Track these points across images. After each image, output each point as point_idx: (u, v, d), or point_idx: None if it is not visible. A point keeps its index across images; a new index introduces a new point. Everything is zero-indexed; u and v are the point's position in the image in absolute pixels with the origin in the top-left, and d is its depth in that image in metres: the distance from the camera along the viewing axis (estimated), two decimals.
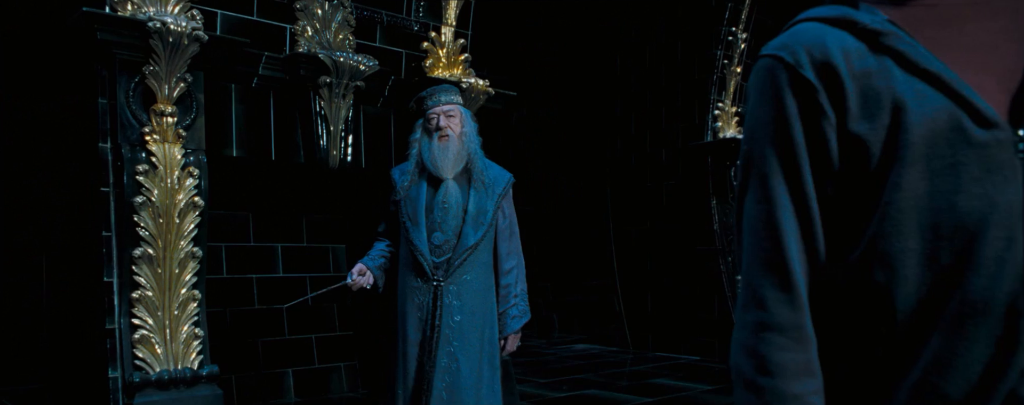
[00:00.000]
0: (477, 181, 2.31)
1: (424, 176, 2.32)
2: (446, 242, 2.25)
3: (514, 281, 2.36)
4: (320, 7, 2.88)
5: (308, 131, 2.91)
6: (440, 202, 2.26)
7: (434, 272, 2.25)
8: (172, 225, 2.31)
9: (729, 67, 4.97)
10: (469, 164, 2.31)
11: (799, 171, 0.60)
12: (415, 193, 2.31)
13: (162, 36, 2.25)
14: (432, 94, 2.36)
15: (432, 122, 2.31)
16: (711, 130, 4.92)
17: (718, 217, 4.94)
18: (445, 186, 2.27)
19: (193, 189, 2.38)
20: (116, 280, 2.21)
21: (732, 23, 4.91)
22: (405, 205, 2.31)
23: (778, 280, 0.60)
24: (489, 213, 2.30)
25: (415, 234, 2.26)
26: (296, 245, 3.67)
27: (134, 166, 2.24)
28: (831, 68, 0.59)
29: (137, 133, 2.28)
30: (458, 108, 2.37)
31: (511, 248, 2.38)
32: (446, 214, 2.26)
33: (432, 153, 2.27)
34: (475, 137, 2.37)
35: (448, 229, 2.25)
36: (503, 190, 2.37)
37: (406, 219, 2.30)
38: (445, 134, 2.29)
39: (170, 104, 2.34)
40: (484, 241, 2.28)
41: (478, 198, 2.30)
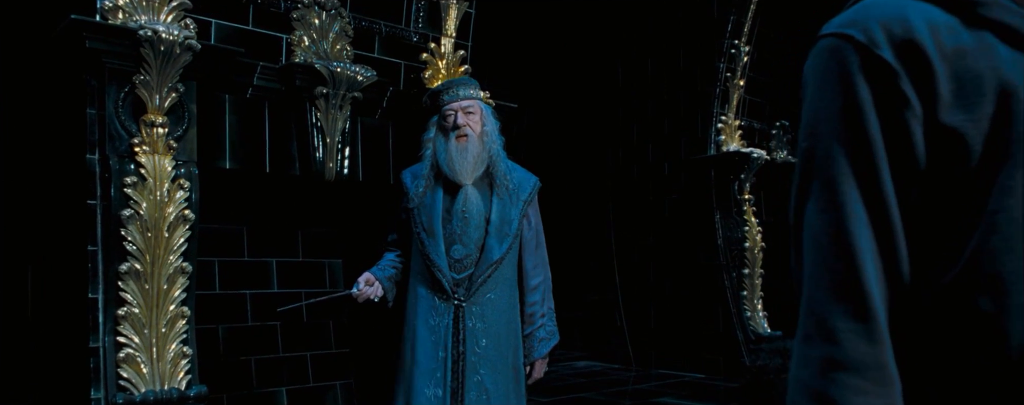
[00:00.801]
0: (500, 186, 2.05)
1: (440, 181, 2.05)
2: (468, 256, 2.00)
3: (541, 299, 2.09)
4: (317, 17, 2.83)
5: (304, 143, 2.84)
6: (459, 211, 2.01)
7: (455, 290, 1.99)
8: (161, 239, 2.23)
9: (732, 80, 4.92)
10: (491, 168, 2.05)
11: (875, 173, 0.49)
12: (430, 200, 2.05)
13: (153, 45, 2.19)
14: (449, 88, 2.08)
15: (449, 120, 2.04)
16: (714, 143, 4.86)
17: (722, 231, 4.86)
18: (464, 193, 2.01)
19: (183, 202, 2.30)
20: (101, 296, 2.12)
21: (735, 36, 4.86)
22: (419, 214, 2.05)
23: (852, 307, 0.49)
24: (514, 223, 2.04)
25: (432, 247, 2.00)
26: (292, 260, 3.59)
27: (122, 178, 2.16)
28: (915, 47, 0.49)
29: (126, 144, 2.21)
30: (478, 104, 2.09)
31: (537, 261, 2.12)
32: (467, 225, 2.00)
33: (449, 155, 2.00)
34: (497, 136, 2.09)
35: (470, 241, 2.00)
36: (529, 196, 2.10)
37: (421, 230, 2.03)
38: (463, 133, 2.02)
39: (161, 114, 2.28)
40: (509, 254, 2.04)
41: (502, 206, 2.05)
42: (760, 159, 4.78)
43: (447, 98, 2.08)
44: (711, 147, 4.85)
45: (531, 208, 2.13)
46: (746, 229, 4.82)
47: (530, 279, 2.11)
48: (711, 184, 4.82)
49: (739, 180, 4.78)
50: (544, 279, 2.13)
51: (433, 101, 2.15)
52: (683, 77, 5.07)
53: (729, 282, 4.83)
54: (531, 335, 2.08)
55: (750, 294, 4.83)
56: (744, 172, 4.76)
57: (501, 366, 1.99)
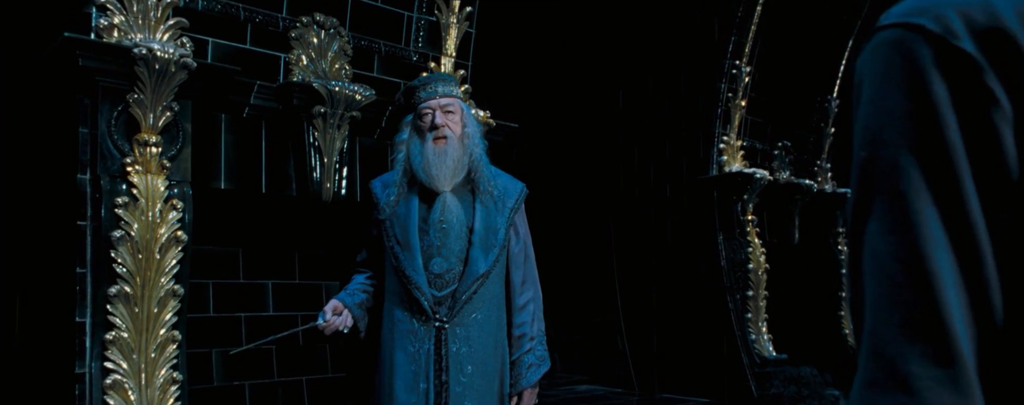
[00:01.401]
0: (484, 193, 1.85)
1: (414, 189, 1.85)
2: (449, 271, 1.78)
3: (530, 319, 1.87)
4: (316, 36, 2.80)
5: (301, 163, 2.79)
6: (436, 221, 1.80)
7: (436, 310, 1.76)
8: (152, 261, 2.17)
9: (734, 100, 4.89)
10: (472, 173, 1.85)
11: (956, 185, 0.41)
12: (403, 210, 1.84)
13: (148, 63, 2.15)
14: (426, 84, 1.87)
15: (426, 119, 1.83)
16: (716, 164, 4.81)
17: (725, 252, 4.79)
18: (442, 201, 1.81)
19: (176, 223, 2.25)
20: (89, 320, 2.06)
21: (736, 56, 4.85)
22: (392, 226, 1.84)
23: (931, 349, 0.40)
24: (501, 232, 1.84)
25: (407, 261, 1.78)
26: (288, 282, 3.52)
27: (113, 198, 2.11)
28: (1002, 36, 0.42)
29: (118, 164, 2.16)
30: (458, 102, 1.87)
31: (526, 277, 1.90)
32: (446, 235, 1.79)
33: (425, 159, 1.80)
34: (479, 140, 1.89)
35: (451, 254, 1.79)
36: (515, 204, 1.90)
37: (394, 243, 1.82)
38: (442, 135, 1.81)
39: (155, 134, 2.23)
40: (496, 268, 1.83)
41: (486, 213, 1.84)
42: (763, 180, 4.74)
43: (424, 95, 1.86)
44: (713, 168, 4.80)
45: (518, 217, 1.93)
46: (749, 250, 4.76)
47: (518, 297, 1.88)
48: (714, 205, 4.77)
49: (742, 201, 4.73)
50: (534, 297, 1.91)
51: (407, 99, 1.94)
52: (684, 98, 5.05)
53: (733, 304, 4.75)
54: (519, 361, 1.85)
55: (754, 316, 4.75)
56: (747, 193, 4.71)
57: (488, 396, 1.78)
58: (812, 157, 5.65)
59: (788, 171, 5.34)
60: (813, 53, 5.46)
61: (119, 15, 2.22)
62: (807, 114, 5.65)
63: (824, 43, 5.48)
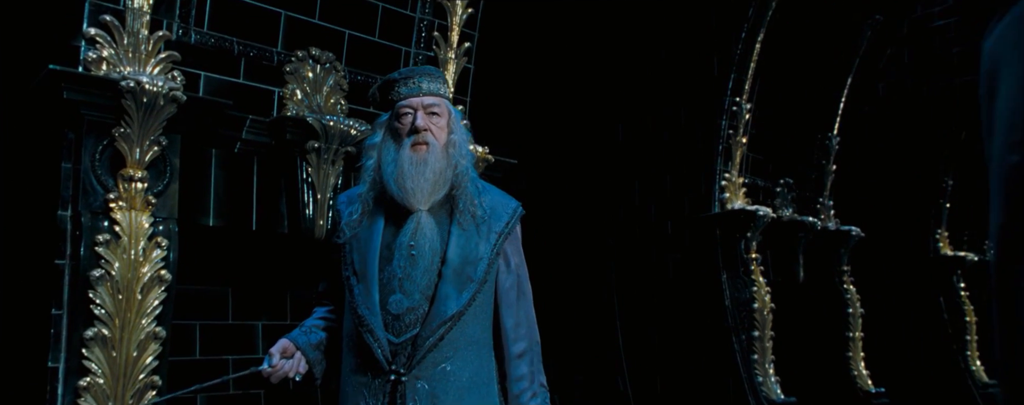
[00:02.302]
0: (464, 212, 1.52)
1: (382, 206, 1.53)
2: (411, 311, 1.45)
3: (529, 372, 1.53)
4: (311, 70, 2.75)
5: (293, 199, 2.71)
6: (404, 245, 1.47)
7: (392, 359, 1.43)
8: (133, 301, 2.07)
9: (734, 137, 4.85)
10: (455, 189, 1.53)
11: None
12: (366, 233, 1.53)
13: (136, 96, 2.09)
14: (408, 78, 1.55)
15: (405, 120, 1.52)
16: (718, 201, 4.74)
17: (729, 291, 4.68)
18: (415, 221, 1.49)
19: (160, 261, 2.15)
20: (62, 365, 1.94)
21: (736, 93, 4.82)
22: (350, 251, 1.53)
23: None
24: (482, 263, 1.50)
25: (362, 297, 1.47)
26: (279, 323, 3.40)
27: (94, 236, 2.02)
28: None
29: (101, 200, 2.08)
30: (446, 104, 1.58)
31: (521, 318, 1.56)
32: (413, 265, 1.46)
33: (399, 169, 1.48)
34: (467, 151, 1.58)
35: (415, 288, 1.46)
36: (506, 227, 1.56)
37: (350, 273, 1.51)
38: (423, 140, 1.50)
39: (141, 169, 2.15)
40: (473, 307, 1.49)
41: (465, 239, 1.50)
42: (766, 217, 4.66)
43: (404, 91, 1.54)
44: (715, 205, 4.73)
45: (510, 244, 1.57)
46: (754, 289, 4.64)
47: (513, 344, 1.55)
48: (717, 243, 4.68)
49: (745, 239, 4.64)
50: (530, 343, 1.57)
51: (383, 94, 1.62)
52: (685, 134, 5.00)
53: (738, 345, 4.62)
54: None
55: (761, 358, 4.61)
56: (750, 230, 4.63)
57: None
58: (814, 194, 5.58)
59: (791, 208, 5.27)
60: (812, 90, 5.45)
61: (108, 48, 2.17)
62: (808, 151, 5.61)
63: (823, 80, 5.47)
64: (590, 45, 5.25)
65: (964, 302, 6.41)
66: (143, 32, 2.24)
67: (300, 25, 2.75)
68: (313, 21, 2.78)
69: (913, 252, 6.55)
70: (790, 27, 4.82)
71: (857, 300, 5.46)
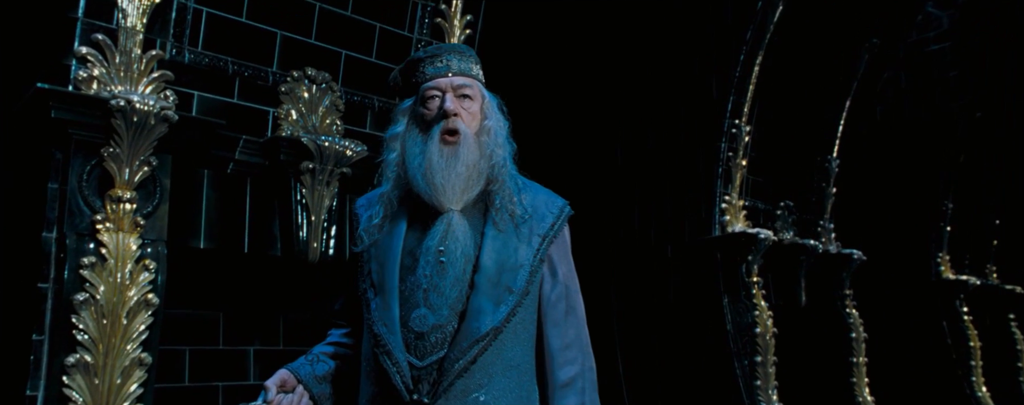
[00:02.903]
0: (501, 211, 1.30)
1: (405, 207, 1.33)
2: (438, 328, 1.24)
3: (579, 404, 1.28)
4: (307, 90, 2.72)
5: (287, 221, 2.65)
6: (431, 250, 1.25)
7: (413, 387, 1.21)
8: (118, 326, 2.00)
9: (734, 160, 4.81)
10: (491, 184, 1.32)
11: None
12: (387, 240, 1.31)
13: (126, 115, 2.05)
14: (434, 56, 1.34)
15: (432, 104, 1.31)
16: (719, 224, 4.69)
17: (730, 316, 4.60)
18: (445, 223, 1.27)
19: (147, 285, 2.09)
20: (41, 393, 1.87)
21: (735, 116, 4.80)
22: (368, 260, 1.33)
23: None
24: (523, 270, 1.28)
25: (381, 314, 1.26)
26: (272, 348, 3.32)
27: (79, 258, 1.96)
28: None
29: (87, 221, 2.02)
30: (478, 85, 1.38)
31: (570, 338, 1.32)
32: (442, 273, 1.24)
33: (427, 162, 1.27)
34: (505, 139, 1.36)
35: (442, 303, 1.24)
36: (551, 228, 1.36)
37: (368, 286, 1.31)
38: (453, 128, 1.29)
39: (130, 189, 2.10)
40: (514, 324, 1.26)
41: (502, 242, 1.29)
42: (767, 240, 4.60)
43: (431, 71, 1.34)
44: (716, 228, 4.68)
45: (556, 248, 1.37)
46: (756, 314, 4.57)
47: (559, 369, 1.29)
48: (717, 267, 4.62)
49: (747, 262, 4.58)
50: (582, 369, 1.31)
51: (407, 76, 1.39)
52: (684, 157, 4.97)
53: (741, 370, 4.53)
54: None
55: (764, 384, 4.51)
56: (751, 254, 4.57)
57: None
58: (815, 217, 5.53)
59: (792, 231, 5.22)
60: (811, 113, 5.44)
61: (99, 67, 2.13)
62: (808, 174, 5.58)
63: (822, 103, 5.46)
64: (588, 68, 5.24)
65: (968, 327, 6.33)
66: (136, 51, 2.21)
67: (296, 45, 2.73)
68: (309, 41, 2.75)
69: (915, 276, 6.49)
70: (788, 50, 4.82)
71: (860, 325, 5.39)
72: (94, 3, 2.16)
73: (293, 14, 2.70)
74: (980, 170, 6.73)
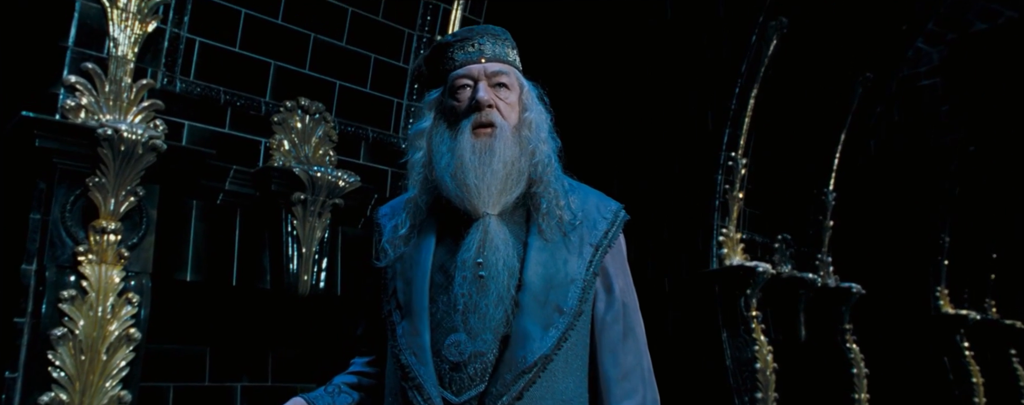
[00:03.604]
0: (548, 217, 1.13)
1: (435, 215, 1.17)
2: (477, 356, 1.07)
3: None
4: (300, 120, 2.68)
5: (277, 253, 2.59)
6: (468, 263, 1.08)
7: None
8: (97, 363, 1.92)
9: (731, 192, 4.79)
10: (534, 185, 1.16)
11: None
12: (414, 254, 1.15)
13: (113, 144, 2.00)
14: (465, 40, 1.17)
15: (462, 94, 1.16)
16: (717, 257, 4.63)
17: (730, 351, 4.51)
18: (481, 230, 1.10)
19: (129, 319, 2.01)
20: None
21: (731, 148, 4.79)
22: (393, 277, 1.16)
23: None
24: (576, 285, 1.12)
25: (408, 339, 1.09)
26: (260, 384, 3.22)
27: (58, 291, 1.89)
28: None
29: (69, 253, 1.96)
30: (516, 73, 1.21)
31: (627, 365, 1.17)
32: (482, 291, 1.07)
33: (458, 160, 1.11)
34: (549, 134, 1.21)
35: (483, 325, 1.07)
36: (605, 236, 1.19)
37: (393, 307, 1.14)
38: (488, 121, 1.13)
39: (115, 220, 2.04)
40: (566, 350, 1.10)
41: (549, 254, 1.12)
42: (766, 273, 4.54)
43: (462, 57, 1.17)
44: (714, 261, 4.62)
45: (611, 260, 1.19)
46: (756, 349, 4.48)
47: (619, 401, 1.14)
48: (716, 300, 4.55)
49: (745, 296, 4.52)
50: (643, 402, 1.17)
51: (433, 64, 1.23)
52: (681, 190, 4.94)
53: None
54: None
55: None
56: (750, 287, 4.51)
57: None
58: (812, 250, 5.49)
59: (790, 265, 5.16)
60: (807, 146, 5.44)
61: (88, 96, 2.09)
62: (805, 207, 5.55)
63: (817, 136, 5.47)
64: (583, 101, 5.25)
65: (969, 362, 6.24)
66: (126, 80, 2.17)
67: (290, 75, 2.70)
68: (303, 71, 2.73)
69: (914, 310, 6.42)
70: (783, 83, 4.84)
71: (861, 360, 5.30)
72: (85, 32, 2.13)
73: (288, 44, 2.69)
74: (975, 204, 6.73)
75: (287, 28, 2.68)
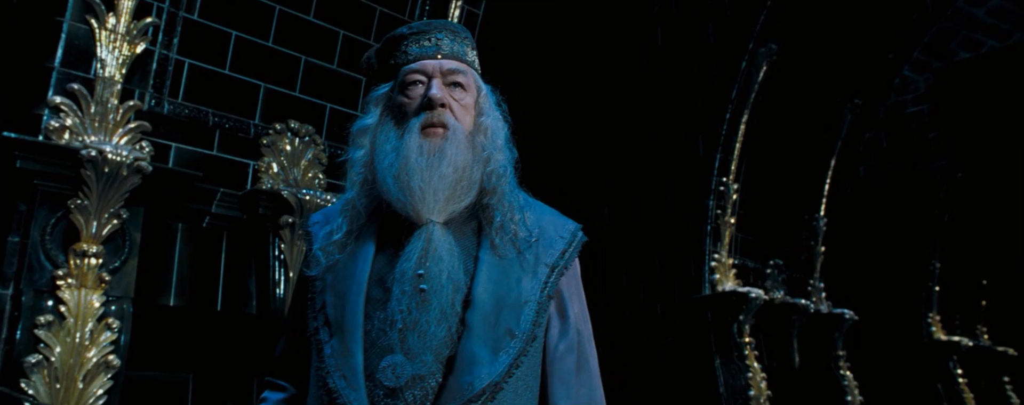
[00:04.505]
0: (500, 232, 1.04)
1: (375, 221, 1.05)
2: (417, 380, 0.95)
3: None
4: (289, 143, 2.65)
5: (263, 277, 2.54)
6: (407, 275, 0.98)
7: None
8: (73, 391, 1.85)
9: (722, 217, 4.78)
10: (487, 196, 1.06)
11: None
12: (349, 264, 1.03)
13: (96, 166, 1.96)
14: (421, 34, 1.08)
15: (413, 90, 1.06)
16: (709, 282, 4.60)
17: (723, 378, 4.46)
18: (423, 238, 0.99)
19: (108, 345, 1.96)
20: None
21: (722, 174, 4.79)
22: (322, 290, 1.04)
23: None
24: (530, 307, 1.03)
25: (338, 362, 0.97)
26: None
27: (34, 317, 1.83)
28: None
29: (47, 277, 1.90)
30: (474, 74, 1.12)
31: (581, 399, 1.08)
32: (423, 307, 0.96)
33: (402, 160, 1.00)
34: (505, 142, 1.11)
35: (424, 346, 0.96)
36: (562, 256, 1.11)
37: (321, 324, 1.01)
38: (439, 121, 1.03)
39: (96, 243, 1.99)
40: (515, 380, 0.99)
41: (501, 271, 1.03)
42: (758, 299, 4.51)
43: (416, 51, 1.08)
44: (706, 287, 4.59)
45: (566, 282, 1.12)
46: (749, 376, 4.43)
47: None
48: (709, 326, 4.51)
49: (738, 322, 4.48)
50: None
51: (384, 56, 1.13)
52: (672, 215, 4.93)
53: None
54: None
55: None
56: (743, 313, 4.47)
57: None
58: (804, 276, 5.47)
59: (782, 290, 5.14)
60: (798, 171, 5.46)
61: (73, 117, 2.06)
62: (796, 232, 5.55)
63: (807, 161, 5.49)
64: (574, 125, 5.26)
65: (963, 389, 6.20)
66: (112, 101, 2.14)
67: (280, 97, 2.68)
68: (293, 94, 2.71)
69: (906, 337, 6.39)
70: (773, 109, 4.87)
71: (855, 387, 5.25)
72: (72, 53, 2.11)
73: (278, 66, 2.67)
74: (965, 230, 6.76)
75: (278, 50, 2.67)
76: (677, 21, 4.81)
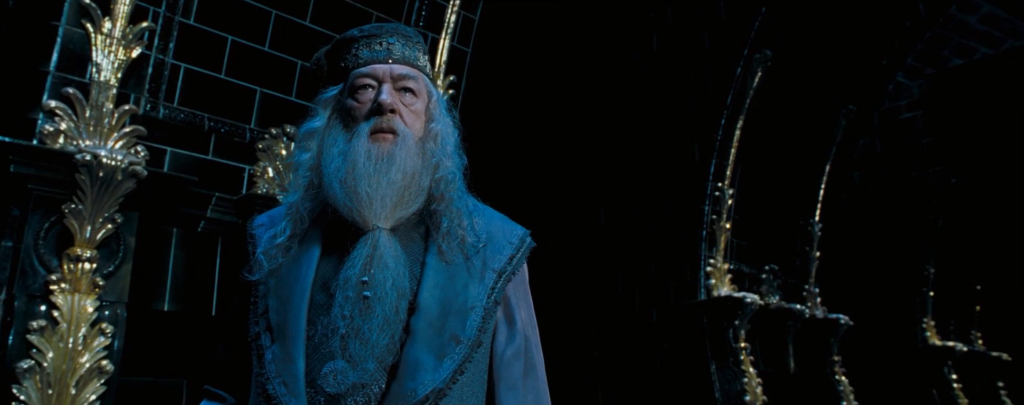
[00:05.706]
0: (448, 237, 1.04)
1: (320, 225, 1.05)
2: (360, 388, 0.95)
3: None
4: (285, 148, 2.65)
5: None
6: (351, 281, 0.97)
7: None
8: (66, 397, 1.84)
9: (718, 222, 4.79)
10: (434, 202, 1.06)
11: None
12: (293, 268, 1.02)
13: (91, 170, 1.96)
14: (372, 38, 1.08)
15: (363, 95, 1.06)
16: (705, 288, 4.61)
17: (719, 384, 4.46)
18: (369, 245, 0.99)
19: (102, 351, 1.94)
20: None
21: (718, 179, 4.81)
22: (265, 295, 1.03)
23: None
24: (476, 313, 1.02)
25: (279, 367, 0.96)
26: None
27: (27, 322, 1.82)
28: None
29: (41, 282, 1.90)
30: (424, 80, 1.11)
31: (529, 402, 1.07)
32: (366, 313, 0.96)
33: (350, 164, 1.00)
34: (454, 149, 1.10)
35: (366, 352, 0.95)
36: (509, 262, 1.09)
37: (263, 330, 1.00)
38: (388, 127, 1.03)
39: (90, 248, 1.99)
40: (460, 386, 0.99)
41: (447, 276, 1.03)
42: (754, 304, 4.52)
43: (367, 54, 1.07)
44: (701, 292, 4.59)
45: (514, 288, 1.11)
46: (745, 381, 4.43)
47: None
48: (704, 332, 4.51)
49: (734, 327, 4.48)
50: None
51: (334, 59, 1.12)
52: (668, 221, 4.94)
53: None
54: None
55: None
56: (738, 318, 4.48)
57: None
58: (800, 281, 5.48)
59: (777, 295, 5.14)
60: (793, 176, 5.48)
61: (68, 121, 2.05)
62: (791, 237, 5.56)
63: (803, 167, 5.51)
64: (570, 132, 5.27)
65: (958, 395, 6.21)
66: (108, 106, 2.14)
67: (276, 102, 2.68)
68: (289, 98, 2.71)
69: (901, 342, 6.41)
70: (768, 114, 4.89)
71: (851, 393, 5.25)
72: (68, 57, 2.11)
73: (274, 71, 2.67)
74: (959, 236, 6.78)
75: (273, 55, 2.67)
76: (672, 27, 4.83)
